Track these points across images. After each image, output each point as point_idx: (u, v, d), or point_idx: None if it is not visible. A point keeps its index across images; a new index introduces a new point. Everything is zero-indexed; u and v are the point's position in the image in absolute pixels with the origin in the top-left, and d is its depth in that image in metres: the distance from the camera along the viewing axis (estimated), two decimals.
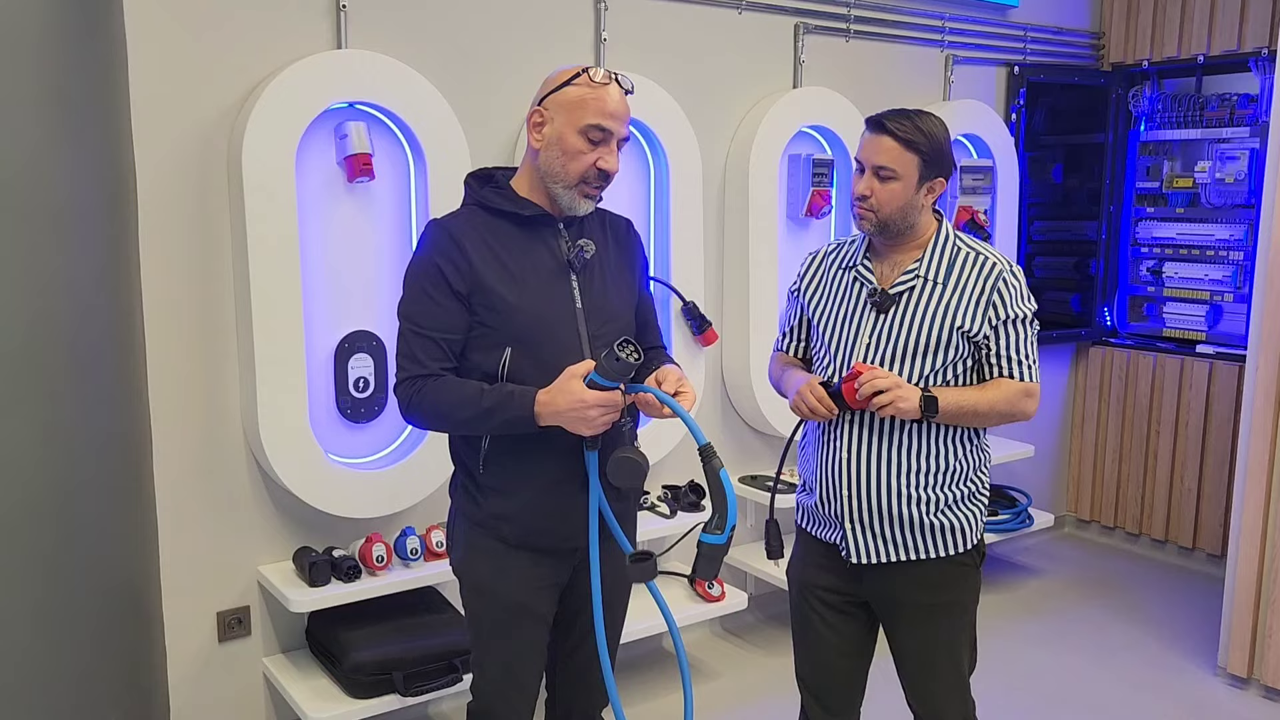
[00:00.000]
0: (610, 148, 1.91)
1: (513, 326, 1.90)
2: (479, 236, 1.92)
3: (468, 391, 1.87)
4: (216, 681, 2.87)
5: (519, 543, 1.98)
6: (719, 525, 1.79)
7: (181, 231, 2.67)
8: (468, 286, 1.89)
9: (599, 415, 1.80)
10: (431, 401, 1.89)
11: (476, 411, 1.86)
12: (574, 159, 1.89)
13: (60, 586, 1.83)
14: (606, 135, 1.89)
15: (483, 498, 1.99)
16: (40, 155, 1.74)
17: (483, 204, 1.96)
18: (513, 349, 1.90)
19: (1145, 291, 4.66)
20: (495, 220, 1.95)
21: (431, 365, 1.90)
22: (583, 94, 1.89)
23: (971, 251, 2.12)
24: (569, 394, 1.80)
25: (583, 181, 1.90)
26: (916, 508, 2.11)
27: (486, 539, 2.00)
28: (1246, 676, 3.36)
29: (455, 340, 1.91)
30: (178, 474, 2.72)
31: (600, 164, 1.89)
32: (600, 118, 1.88)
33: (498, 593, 2.00)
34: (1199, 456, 4.36)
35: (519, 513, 1.96)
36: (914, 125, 2.04)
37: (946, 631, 2.17)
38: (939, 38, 4.09)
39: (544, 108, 1.92)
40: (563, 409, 1.81)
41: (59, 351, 1.80)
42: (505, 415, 1.85)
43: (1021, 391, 2.10)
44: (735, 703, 3.26)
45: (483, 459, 1.97)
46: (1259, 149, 4.12)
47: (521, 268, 1.92)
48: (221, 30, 2.66)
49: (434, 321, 1.90)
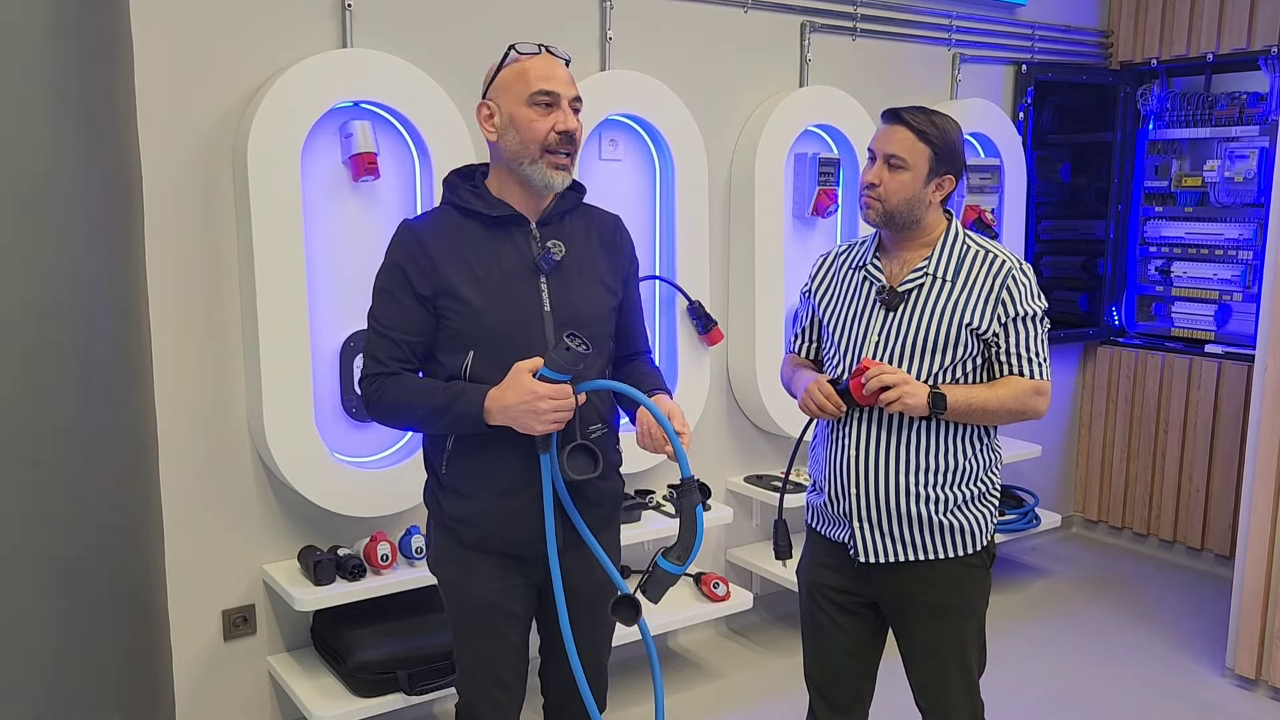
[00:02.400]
0: (563, 109, 1.88)
1: (476, 329, 1.88)
2: (446, 237, 1.90)
3: (421, 389, 1.89)
4: (222, 680, 2.87)
5: (475, 545, 1.97)
6: (680, 557, 1.81)
7: (187, 231, 2.68)
8: (431, 288, 1.88)
9: (549, 408, 1.78)
10: (390, 399, 1.90)
11: (428, 409, 1.87)
12: (529, 129, 1.86)
13: (66, 585, 1.83)
14: (554, 97, 1.86)
15: (444, 499, 1.99)
16: (46, 155, 1.75)
17: (455, 204, 1.94)
18: (475, 351, 1.89)
19: (1153, 291, 4.64)
20: (465, 220, 1.93)
21: (391, 364, 1.90)
22: (517, 70, 1.88)
23: (981, 250, 2.11)
24: (518, 388, 1.79)
25: (546, 151, 1.87)
26: (925, 507, 2.10)
27: (449, 540, 2.01)
28: (1254, 678, 3.35)
29: (415, 341, 1.91)
30: (183, 473, 2.72)
31: (558, 126, 1.86)
32: (541, 82, 1.86)
33: (466, 593, 2.00)
34: (1207, 457, 4.34)
35: (475, 516, 1.95)
36: (928, 119, 2.06)
37: (955, 633, 2.16)
38: (946, 36, 4.08)
39: (488, 100, 1.91)
40: (512, 403, 1.79)
41: (64, 351, 1.80)
42: (455, 413, 1.84)
43: (1031, 389, 2.09)
44: (741, 703, 3.26)
45: (446, 459, 1.97)
46: (1268, 147, 4.10)
47: (487, 269, 1.90)
48: (227, 29, 2.66)
49: (394, 322, 1.90)
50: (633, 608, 1.81)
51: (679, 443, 1.83)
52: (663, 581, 1.83)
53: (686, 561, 1.82)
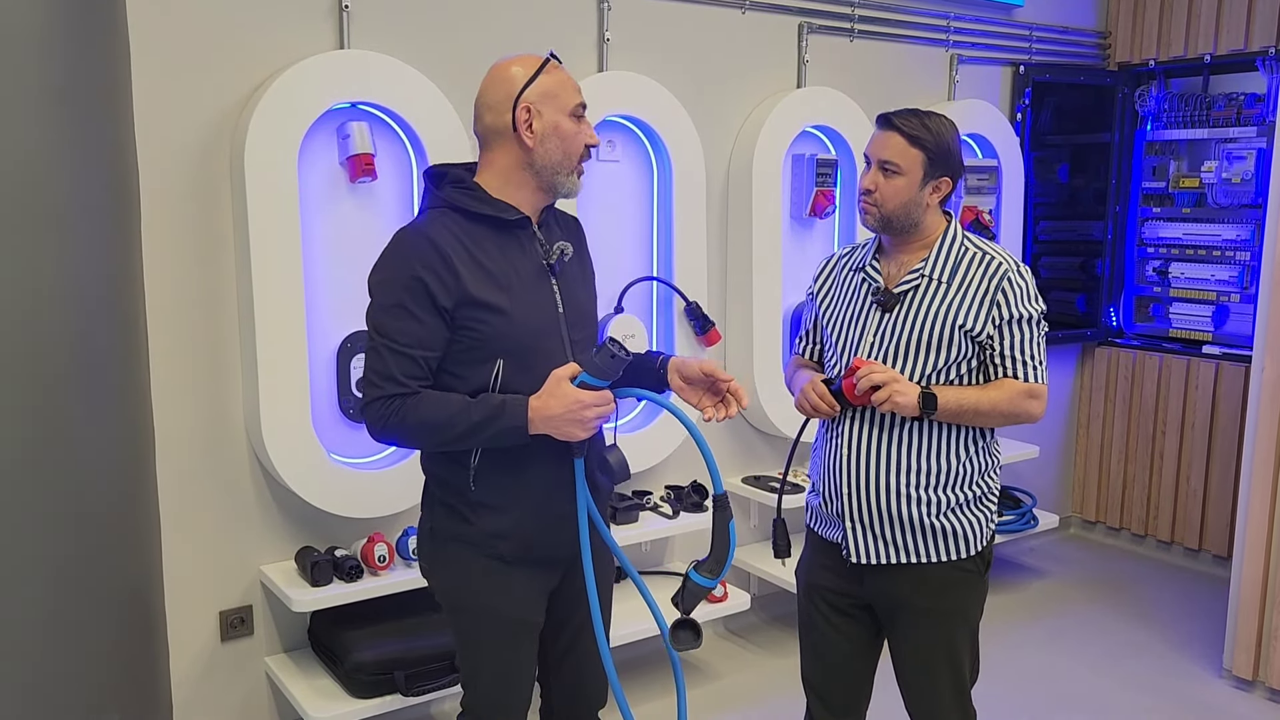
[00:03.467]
0: (588, 122, 1.94)
1: (505, 337, 1.83)
2: (460, 244, 1.83)
3: (453, 406, 1.80)
4: (219, 681, 2.87)
5: (516, 558, 1.92)
6: (712, 571, 1.85)
7: (184, 232, 2.68)
8: (453, 300, 1.80)
9: (594, 415, 1.78)
10: (414, 420, 1.80)
11: (466, 426, 1.79)
12: (573, 140, 1.89)
13: (63, 586, 1.83)
14: (584, 110, 1.92)
15: (475, 516, 1.91)
16: (43, 156, 1.75)
17: (455, 207, 1.86)
18: (505, 360, 1.84)
19: (1151, 292, 4.65)
20: (471, 225, 1.86)
21: (410, 384, 1.80)
22: (559, 79, 1.90)
23: (979, 251, 2.12)
24: (563, 397, 1.76)
25: (579, 161, 1.92)
26: (917, 509, 2.10)
27: (481, 558, 1.92)
28: (1251, 679, 3.35)
29: (434, 357, 1.82)
30: (180, 474, 2.72)
31: (588, 140, 1.92)
32: (579, 95, 1.91)
33: (498, 611, 1.94)
34: (1205, 457, 4.34)
35: (514, 528, 1.91)
36: (921, 123, 2.07)
37: (946, 639, 2.16)
38: (944, 37, 4.08)
39: (529, 104, 1.85)
40: (557, 413, 1.76)
41: (61, 351, 1.80)
42: (497, 427, 1.79)
43: (1025, 392, 2.09)
44: (739, 703, 3.26)
45: (473, 476, 1.89)
46: (1266, 149, 4.10)
47: (506, 274, 1.85)
48: (224, 31, 2.66)
49: (413, 338, 1.80)
50: (692, 630, 1.87)
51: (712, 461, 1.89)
52: (696, 594, 1.86)
53: (719, 575, 1.86)
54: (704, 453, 1.87)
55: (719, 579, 1.86)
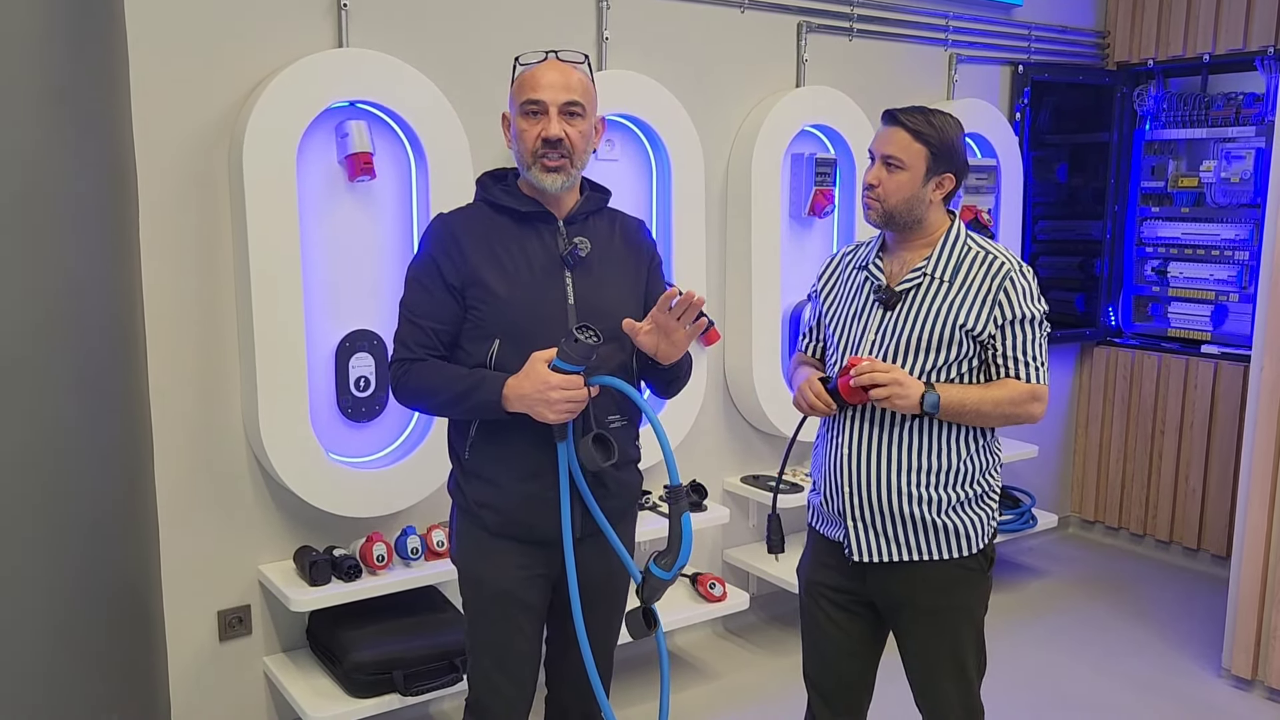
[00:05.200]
0: (549, 117, 1.95)
1: (502, 319, 1.97)
2: (478, 231, 2.00)
3: (447, 374, 1.97)
4: (217, 681, 2.87)
5: (499, 531, 2.02)
6: (669, 564, 1.90)
7: (182, 231, 2.67)
8: (461, 280, 1.97)
9: (560, 398, 1.85)
10: (415, 383, 1.98)
11: (452, 394, 1.95)
12: (520, 138, 1.98)
13: (61, 585, 1.83)
14: (540, 105, 1.95)
15: (467, 484, 2.05)
16: (41, 154, 1.75)
17: (488, 200, 2.04)
18: (501, 340, 1.97)
19: (1150, 291, 4.65)
20: (497, 216, 2.02)
21: (418, 351, 1.99)
22: (519, 80, 2.00)
23: (981, 251, 2.12)
24: (534, 377, 1.87)
25: (535, 158, 1.96)
26: (919, 507, 2.10)
27: (473, 527, 2.06)
28: (1250, 678, 3.35)
29: (443, 330, 1.99)
30: (178, 473, 2.72)
31: (542, 134, 1.94)
32: (530, 92, 1.96)
33: (484, 580, 2.05)
34: (1204, 457, 4.34)
35: (497, 501, 2.01)
36: (925, 119, 2.07)
37: (951, 636, 2.16)
38: (943, 37, 4.08)
39: (506, 112, 2.04)
40: (527, 391, 1.87)
41: (60, 350, 1.80)
42: (476, 398, 1.93)
43: (1027, 393, 2.08)
44: (738, 703, 3.26)
45: (469, 444, 2.03)
46: (1265, 148, 4.10)
47: (515, 262, 1.99)
48: (222, 29, 2.66)
49: (424, 310, 1.99)
50: (646, 620, 1.91)
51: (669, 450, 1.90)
52: (656, 587, 1.92)
53: (674, 569, 1.90)
54: (661, 442, 1.90)
55: (677, 570, 1.91)
